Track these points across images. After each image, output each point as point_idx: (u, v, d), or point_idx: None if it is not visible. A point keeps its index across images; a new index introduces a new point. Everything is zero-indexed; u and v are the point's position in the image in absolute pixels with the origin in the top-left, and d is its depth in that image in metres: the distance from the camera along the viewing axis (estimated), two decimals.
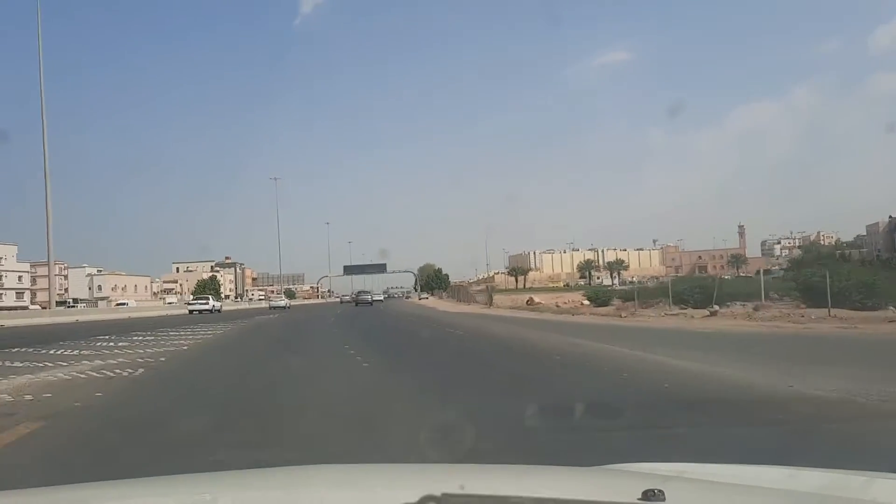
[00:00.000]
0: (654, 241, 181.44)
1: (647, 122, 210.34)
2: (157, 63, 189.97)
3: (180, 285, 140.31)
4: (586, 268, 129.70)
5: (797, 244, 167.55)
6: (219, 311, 52.74)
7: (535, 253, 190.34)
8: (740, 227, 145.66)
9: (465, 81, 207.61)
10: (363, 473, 2.07)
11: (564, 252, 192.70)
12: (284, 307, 59.31)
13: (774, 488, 1.77)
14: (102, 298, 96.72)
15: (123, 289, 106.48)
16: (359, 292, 75.09)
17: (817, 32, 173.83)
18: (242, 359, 13.05)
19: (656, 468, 2.00)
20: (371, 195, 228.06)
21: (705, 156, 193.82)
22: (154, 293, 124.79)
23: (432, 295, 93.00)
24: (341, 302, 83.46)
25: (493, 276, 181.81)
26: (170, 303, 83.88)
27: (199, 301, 54.93)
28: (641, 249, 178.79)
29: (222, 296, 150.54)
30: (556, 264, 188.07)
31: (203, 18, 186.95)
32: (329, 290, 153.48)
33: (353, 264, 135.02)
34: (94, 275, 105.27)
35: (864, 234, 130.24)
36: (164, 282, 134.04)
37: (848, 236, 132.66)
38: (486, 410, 6.08)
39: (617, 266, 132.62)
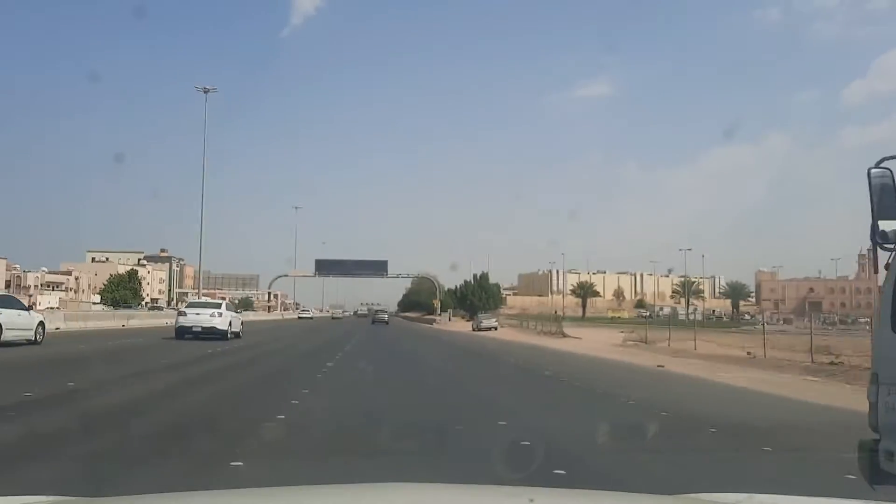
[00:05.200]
0: (670, 271, 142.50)
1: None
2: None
3: (76, 280, 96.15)
4: (682, 292, 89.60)
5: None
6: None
7: (558, 272, 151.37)
8: (868, 251, 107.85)
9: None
10: (434, 493, 2.04)
11: (594, 273, 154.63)
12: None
13: None
14: None
15: None
16: (376, 311, 70.47)
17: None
18: None
19: (735, 499, 1.97)
20: (348, 194, 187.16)
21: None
22: (22, 287, 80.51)
23: (472, 316, 52.16)
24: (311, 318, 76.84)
25: (503, 298, 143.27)
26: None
27: (305, 311, 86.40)
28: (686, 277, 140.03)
29: (147, 298, 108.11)
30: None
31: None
32: (294, 303, 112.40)
33: (330, 259, 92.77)
34: None
35: None
36: (50, 273, 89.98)
37: None
38: None
39: (739, 291, 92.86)
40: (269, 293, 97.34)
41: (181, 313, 23.87)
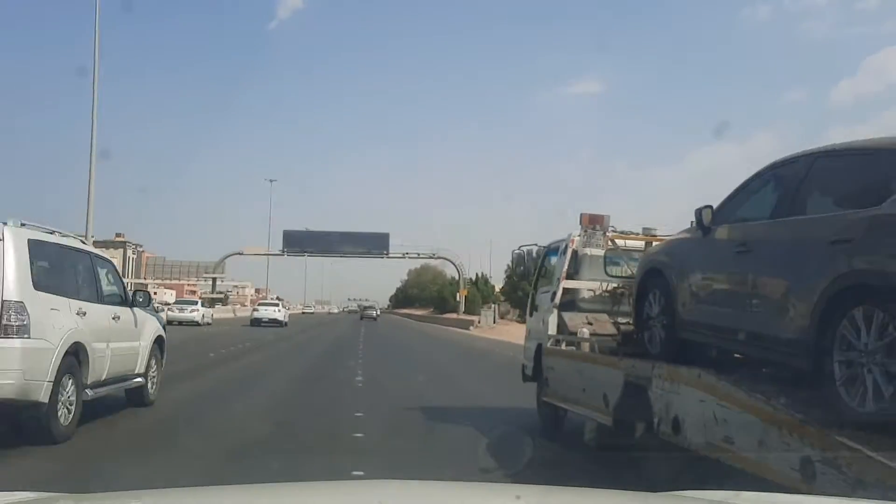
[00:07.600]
0: None
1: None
2: None
3: None
4: None
5: None
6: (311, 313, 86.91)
7: None
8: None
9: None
10: (422, 489, 2.05)
11: None
12: None
13: None
14: None
15: None
16: (365, 308, 66.53)
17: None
18: None
19: (723, 496, 1.98)
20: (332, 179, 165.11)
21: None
22: None
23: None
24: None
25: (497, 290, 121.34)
26: None
27: (308, 307, 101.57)
28: None
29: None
30: None
31: None
32: (274, 297, 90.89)
33: (304, 231, 69.24)
34: None
35: None
36: None
37: None
38: None
39: None
40: (214, 279, 72.68)
41: (255, 309, 41.58)
